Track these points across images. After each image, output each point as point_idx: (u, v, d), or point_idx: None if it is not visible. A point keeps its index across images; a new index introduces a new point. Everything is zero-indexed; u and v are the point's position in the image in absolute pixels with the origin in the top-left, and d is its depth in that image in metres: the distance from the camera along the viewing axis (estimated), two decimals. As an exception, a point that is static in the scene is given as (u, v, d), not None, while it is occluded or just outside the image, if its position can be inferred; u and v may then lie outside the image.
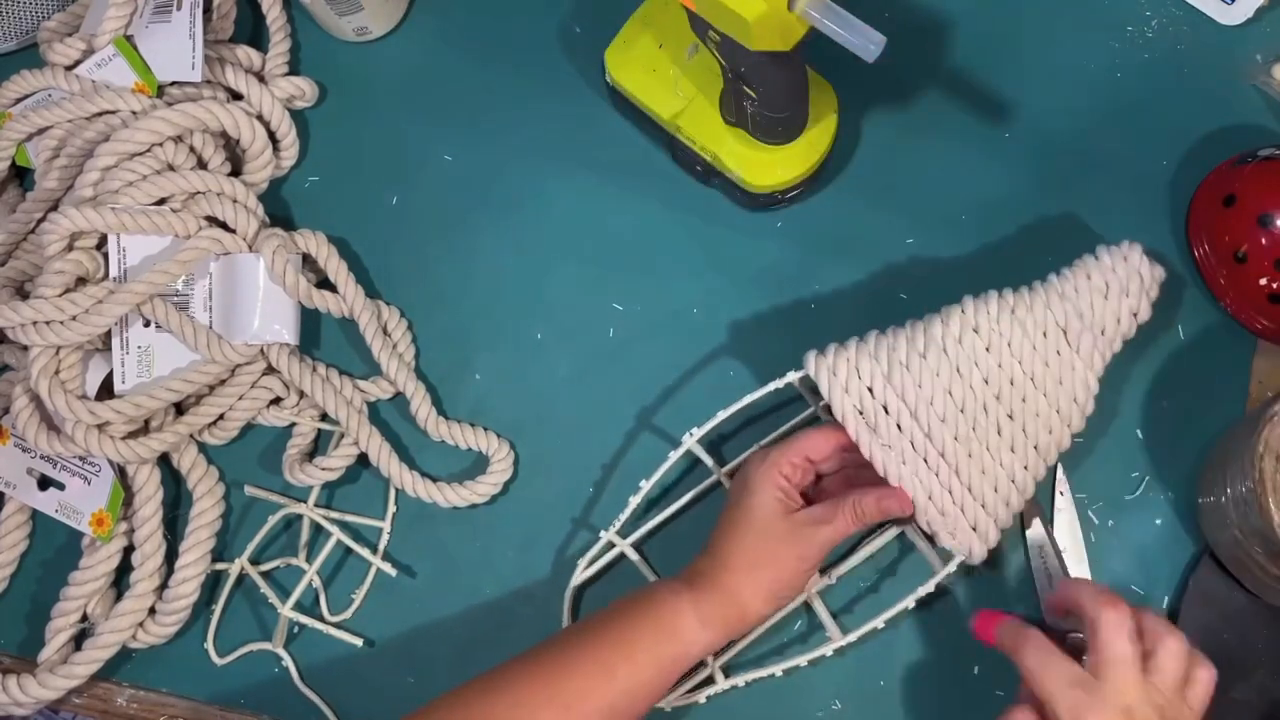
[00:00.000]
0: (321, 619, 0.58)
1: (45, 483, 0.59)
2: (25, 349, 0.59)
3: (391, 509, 0.59)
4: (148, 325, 0.59)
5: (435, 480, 0.59)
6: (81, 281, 0.58)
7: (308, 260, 0.61)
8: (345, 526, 0.59)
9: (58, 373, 0.57)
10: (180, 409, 0.61)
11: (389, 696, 0.57)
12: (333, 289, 0.61)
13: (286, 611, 0.58)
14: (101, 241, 0.59)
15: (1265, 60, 0.62)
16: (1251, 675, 0.54)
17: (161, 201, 0.60)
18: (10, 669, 0.58)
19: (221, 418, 0.60)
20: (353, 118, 0.67)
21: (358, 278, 0.61)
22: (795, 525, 0.51)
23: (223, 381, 0.60)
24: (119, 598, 0.58)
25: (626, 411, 0.60)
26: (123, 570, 0.59)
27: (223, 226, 0.60)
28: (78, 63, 0.63)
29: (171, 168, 0.61)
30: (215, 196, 0.60)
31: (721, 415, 0.55)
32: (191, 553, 0.58)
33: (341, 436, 0.60)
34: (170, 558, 0.59)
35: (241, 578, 0.59)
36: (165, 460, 0.60)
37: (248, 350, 0.59)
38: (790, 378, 0.55)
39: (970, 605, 0.56)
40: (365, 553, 0.59)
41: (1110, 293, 0.53)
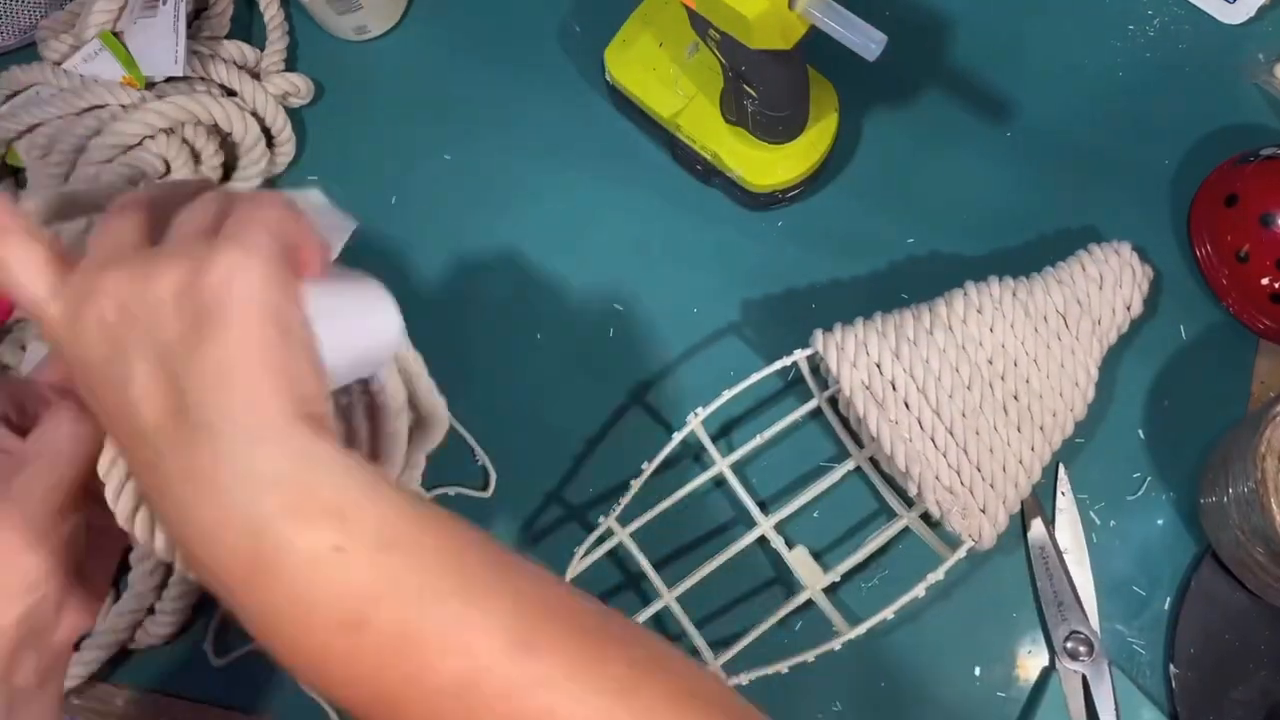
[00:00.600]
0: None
1: (44, 483, 0.58)
2: (24, 348, 0.58)
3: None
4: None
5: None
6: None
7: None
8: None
9: None
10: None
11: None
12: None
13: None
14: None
15: (1267, 59, 0.62)
16: (1253, 676, 0.53)
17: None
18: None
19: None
20: (351, 116, 0.66)
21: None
22: None
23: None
24: (118, 598, 0.58)
25: (626, 411, 0.60)
26: (122, 570, 0.59)
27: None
28: (66, 58, 0.63)
29: (166, 162, 0.60)
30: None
31: (727, 395, 0.55)
32: (191, 553, 0.58)
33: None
34: (169, 558, 0.58)
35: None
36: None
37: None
38: (797, 355, 0.55)
39: (970, 606, 0.56)
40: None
41: (1105, 284, 0.54)
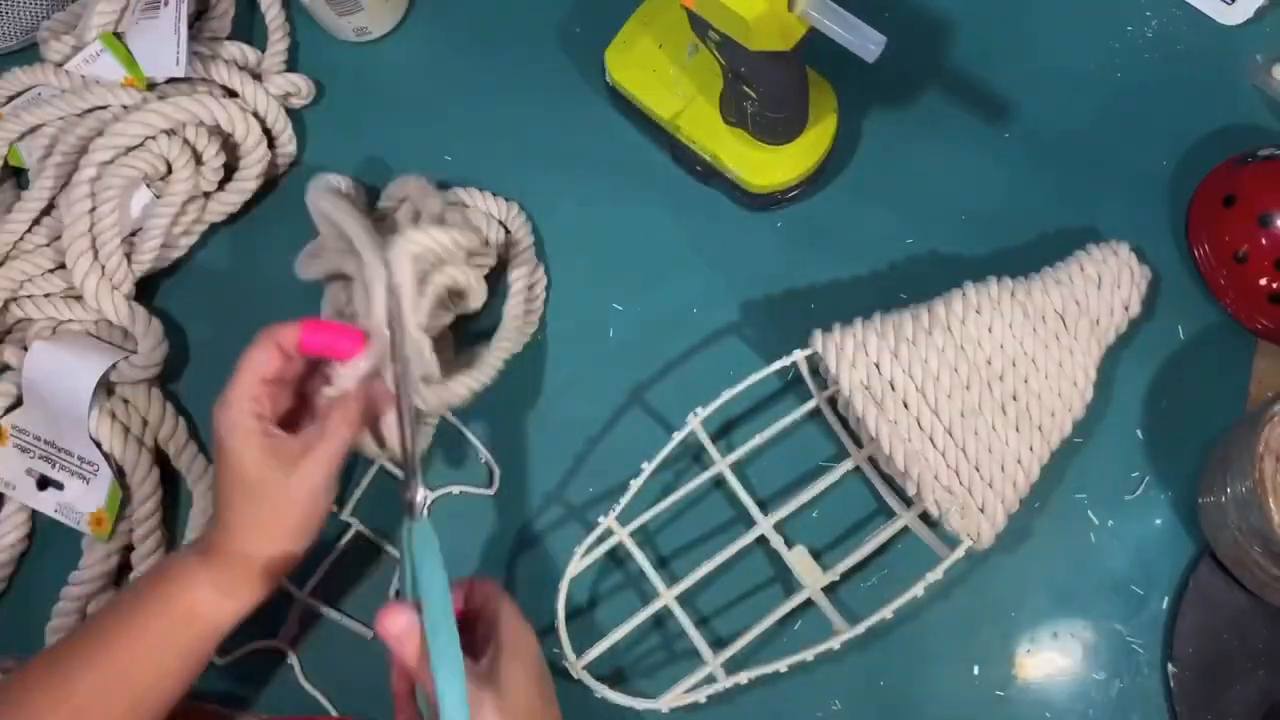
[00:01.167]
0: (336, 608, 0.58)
1: (44, 483, 0.58)
2: (26, 348, 0.59)
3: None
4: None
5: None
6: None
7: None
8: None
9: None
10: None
11: (389, 697, 0.57)
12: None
13: (303, 597, 0.58)
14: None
15: (1265, 60, 0.62)
16: (1251, 675, 0.54)
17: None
18: (10, 669, 0.57)
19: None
20: (352, 118, 0.67)
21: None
22: (285, 462, 0.47)
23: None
24: (119, 598, 0.58)
25: (626, 411, 0.60)
26: (123, 570, 0.59)
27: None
28: (68, 59, 0.63)
29: (168, 162, 0.61)
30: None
31: (727, 394, 0.55)
32: (191, 553, 0.58)
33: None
34: (170, 558, 0.59)
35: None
36: (165, 460, 0.60)
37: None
38: (796, 356, 0.55)
39: (970, 606, 0.56)
40: (389, 547, 0.59)
41: (1103, 284, 0.55)
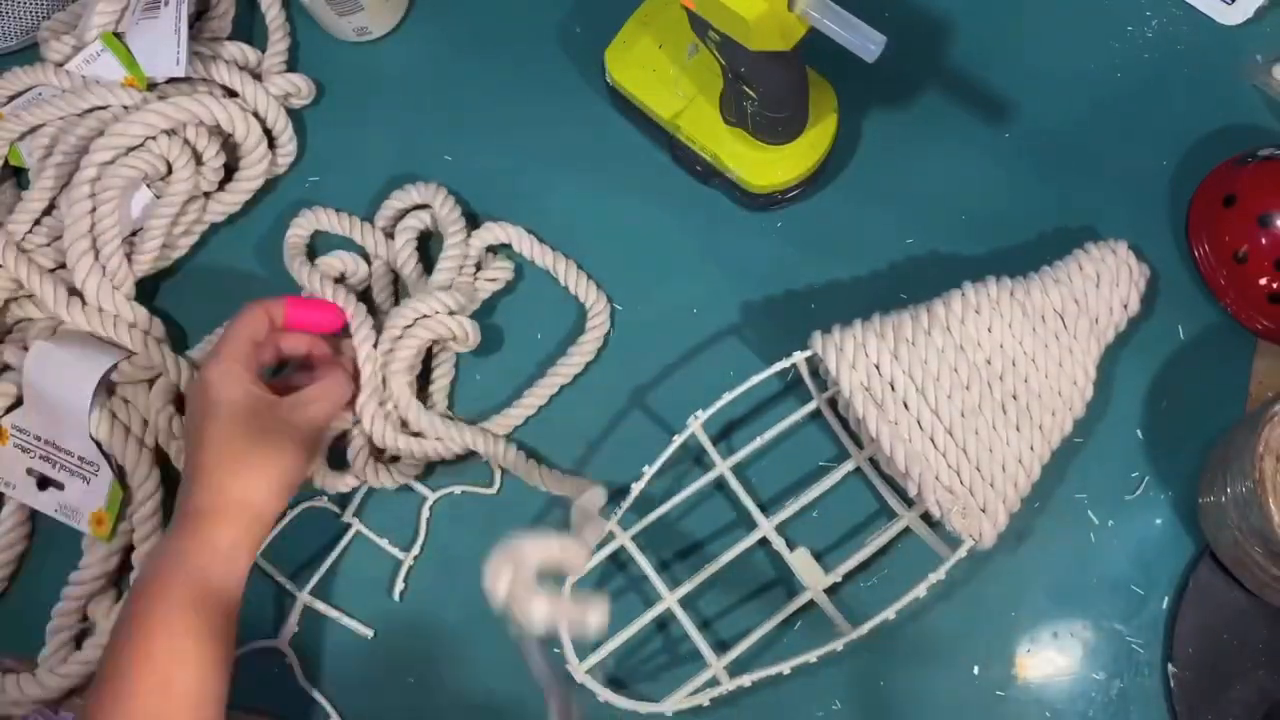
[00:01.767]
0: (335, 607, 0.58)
1: (44, 483, 0.58)
2: (26, 348, 0.59)
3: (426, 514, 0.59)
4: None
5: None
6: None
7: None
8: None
9: None
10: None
11: (388, 697, 0.57)
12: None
13: (304, 597, 0.58)
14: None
15: (1265, 60, 0.62)
16: (1251, 675, 0.54)
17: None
18: (10, 669, 0.57)
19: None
20: (353, 118, 0.67)
21: (357, 277, 0.61)
22: (281, 411, 0.50)
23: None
24: (119, 598, 0.58)
25: (626, 412, 0.60)
26: (123, 570, 0.59)
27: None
28: (68, 59, 0.63)
29: (168, 163, 0.61)
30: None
31: (727, 397, 0.55)
32: (191, 553, 0.58)
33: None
34: (170, 558, 0.59)
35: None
36: (165, 460, 0.60)
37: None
38: (796, 358, 0.55)
39: (970, 606, 0.56)
40: (388, 545, 0.59)
41: (1102, 282, 0.55)
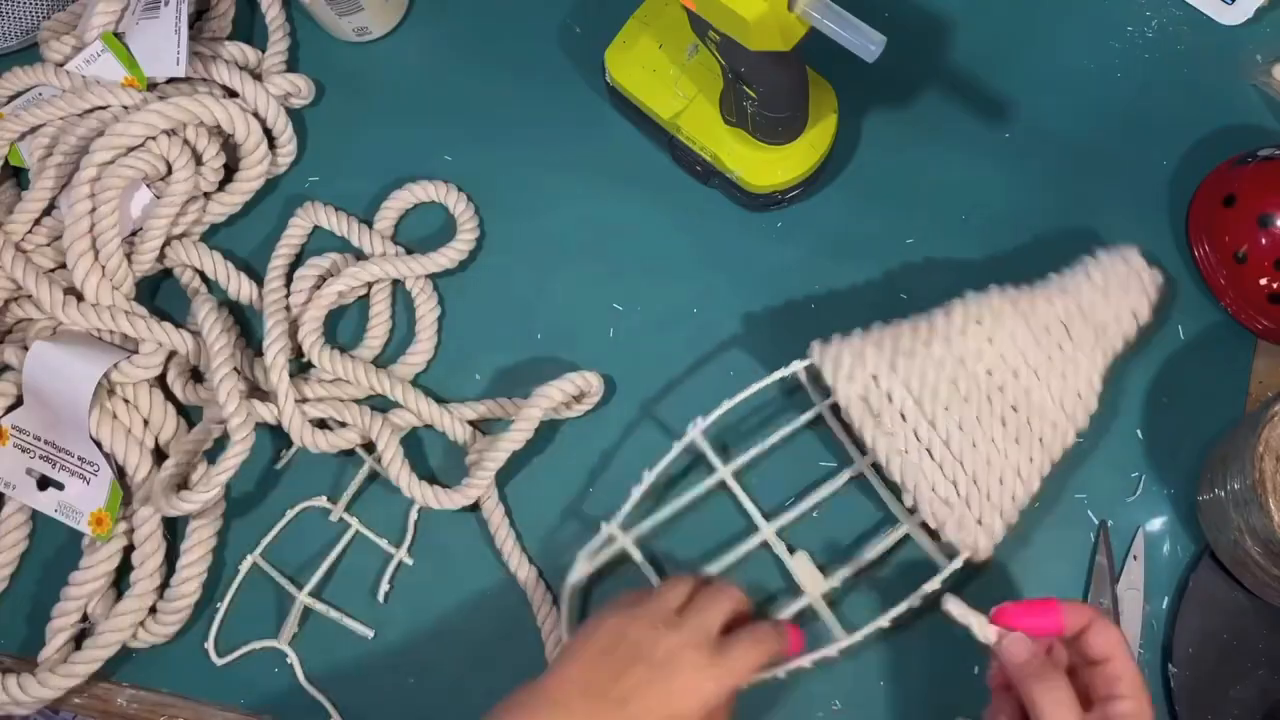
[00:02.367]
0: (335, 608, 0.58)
1: (45, 483, 0.59)
2: (26, 348, 0.59)
3: (414, 517, 0.59)
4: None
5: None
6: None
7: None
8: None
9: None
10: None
11: (388, 697, 0.57)
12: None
13: (303, 598, 0.58)
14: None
15: (1265, 60, 0.62)
16: (1251, 675, 0.54)
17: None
18: (10, 669, 0.57)
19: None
20: (352, 118, 0.67)
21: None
22: None
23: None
24: (119, 597, 0.58)
25: (626, 412, 0.60)
26: (123, 570, 0.59)
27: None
28: (69, 59, 0.63)
29: (168, 163, 0.61)
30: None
31: (727, 405, 0.55)
32: (193, 552, 0.58)
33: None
34: (171, 557, 0.59)
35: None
36: (165, 460, 0.60)
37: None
38: (795, 367, 0.55)
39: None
40: (387, 545, 0.59)
41: (1110, 292, 0.54)
